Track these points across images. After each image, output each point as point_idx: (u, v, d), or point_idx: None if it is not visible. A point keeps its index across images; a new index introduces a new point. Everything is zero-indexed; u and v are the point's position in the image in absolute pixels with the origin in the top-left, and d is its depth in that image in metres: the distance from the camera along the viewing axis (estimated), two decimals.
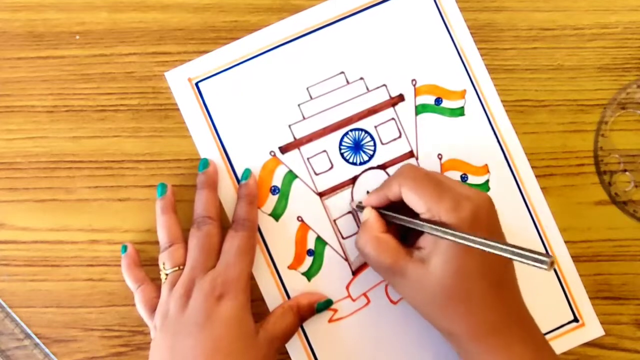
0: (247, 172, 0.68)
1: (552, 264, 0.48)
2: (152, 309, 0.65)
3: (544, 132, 0.71)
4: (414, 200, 0.61)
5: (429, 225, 0.59)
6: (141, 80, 0.70)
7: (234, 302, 0.62)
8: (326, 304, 0.68)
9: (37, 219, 0.70)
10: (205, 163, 0.68)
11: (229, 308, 0.62)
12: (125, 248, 0.68)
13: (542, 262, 0.48)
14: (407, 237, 0.65)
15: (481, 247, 0.54)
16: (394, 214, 0.63)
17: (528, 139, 0.71)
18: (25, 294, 0.70)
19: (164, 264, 0.65)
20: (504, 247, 0.52)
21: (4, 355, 0.69)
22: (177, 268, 0.64)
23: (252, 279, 0.68)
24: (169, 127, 0.70)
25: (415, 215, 0.61)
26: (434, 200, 0.60)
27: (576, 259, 0.70)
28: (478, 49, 0.71)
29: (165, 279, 0.64)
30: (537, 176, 0.70)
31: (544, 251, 0.50)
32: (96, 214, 0.70)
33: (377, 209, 0.65)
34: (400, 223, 0.63)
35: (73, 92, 0.70)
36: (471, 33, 0.71)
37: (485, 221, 0.61)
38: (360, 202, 0.68)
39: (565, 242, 0.70)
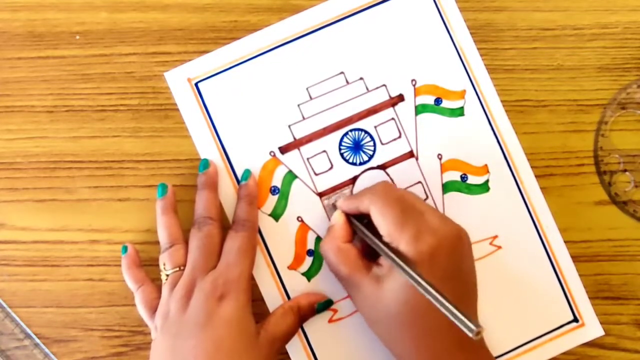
0: (247, 173, 0.68)
1: (478, 333, 0.50)
2: (153, 310, 0.65)
3: (544, 132, 0.71)
4: (378, 221, 0.61)
5: (385, 249, 0.59)
6: (141, 80, 0.70)
7: (235, 303, 0.62)
8: (326, 304, 0.68)
9: (37, 219, 0.70)
10: (206, 163, 0.68)
11: (230, 308, 0.62)
12: (125, 249, 0.68)
13: (469, 329, 0.50)
14: (370, 250, 0.64)
15: (422, 292, 0.54)
16: (360, 226, 0.64)
17: (528, 139, 0.71)
18: (25, 294, 0.70)
19: (164, 264, 0.65)
20: (443, 301, 0.53)
21: (4, 355, 0.69)
22: (177, 268, 0.64)
23: (252, 279, 0.67)
24: (169, 127, 0.70)
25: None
26: (396, 226, 0.60)
27: (576, 259, 0.70)
28: (478, 49, 0.71)
29: (166, 279, 0.64)
30: (537, 176, 0.70)
31: (472, 322, 0.51)
32: (96, 214, 0.70)
33: (348, 215, 0.66)
34: (362, 237, 0.63)
35: (73, 92, 0.70)
36: (471, 33, 0.71)
37: (445, 259, 0.60)
38: (335, 201, 0.68)
39: (565, 242, 0.70)
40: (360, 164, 0.70)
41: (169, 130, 0.70)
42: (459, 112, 0.70)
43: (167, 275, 0.65)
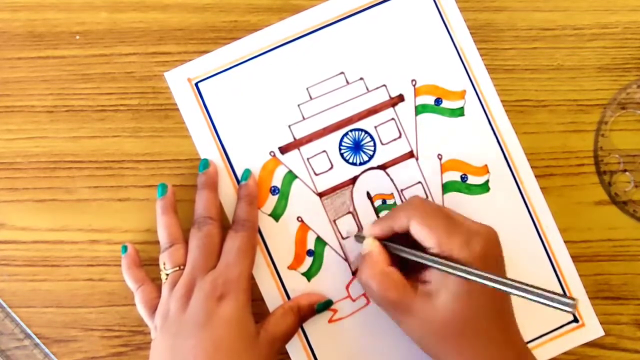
0: (247, 173, 0.68)
1: (574, 306, 0.48)
2: (153, 309, 0.65)
3: (544, 132, 0.71)
4: (423, 234, 0.60)
5: (440, 260, 0.58)
6: (141, 80, 0.70)
7: (235, 303, 0.62)
8: (326, 305, 0.68)
9: (37, 219, 0.70)
10: (206, 163, 0.68)
11: (229, 308, 0.62)
12: (125, 248, 0.68)
13: (566, 304, 0.49)
14: (407, 270, 0.63)
15: (500, 288, 0.54)
16: (401, 247, 0.62)
17: (528, 139, 0.71)
18: (25, 294, 0.70)
19: (164, 264, 0.65)
20: (527, 288, 0.52)
21: (4, 355, 0.69)
22: (177, 268, 0.64)
23: (252, 279, 0.67)
24: (169, 127, 0.70)
25: (418, 248, 0.61)
26: (445, 235, 0.59)
27: (576, 259, 0.70)
28: (478, 49, 0.71)
29: (166, 279, 0.64)
30: (537, 176, 0.70)
31: (561, 291, 0.50)
32: (96, 214, 0.70)
33: (380, 240, 0.64)
34: (406, 256, 0.62)
35: (73, 92, 0.70)
36: (471, 33, 0.71)
37: (495, 257, 0.61)
38: (360, 233, 0.68)
39: (565, 242, 0.70)
40: (361, 164, 0.70)
41: (169, 130, 0.70)
42: (459, 112, 0.70)
43: (167, 275, 0.65)
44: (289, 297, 0.68)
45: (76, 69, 0.70)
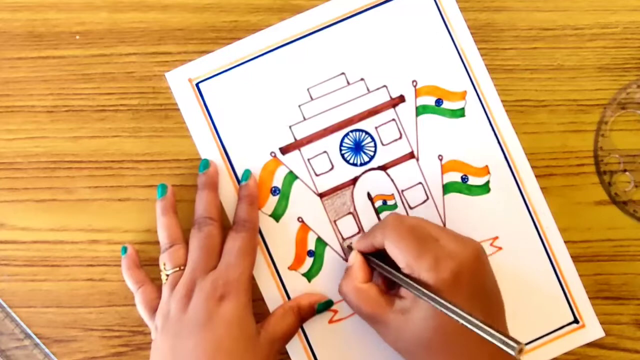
0: (247, 173, 0.68)
1: (520, 351, 0.48)
2: (153, 310, 0.65)
3: (544, 132, 0.71)
4: (395, 254, 0.61)
5: (407, 281, 0.59)
6: (141, 80, 0.70)
7: (235, 303, 0.62)
8: (326, 305, 0.68)
9: (37, 219, 0.70)
10: (206, 164, 0.68)
11: (230, 309, 0.62)
12: (125, 249, 0.68)
13: (510, 347, 0.49)
14: (390, 283, 0.65)
15: (453, 317, 0.54)
16: (378, 262, 0.64)
17: (528, 139, 0.71)
18: (25, 294, 0.70)
19: (164, 264, 0.65)
20: (477, 323, 0.52)
21: (4, 355, 0.69)
22: (177, 269, 0.64)
23: (252, 279, 0.67)
24: (169, 127, 0.70)
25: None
26: (414, 256, 0.59)
27: (576, 259, 0.70)
28: (478, 49, 0.71)
29: (166, 279, 0.64)
30: (537, 176, 0.70)
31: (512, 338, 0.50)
32: (96, 214, 0.70)
33: (364, 254, 0.65)
34: (381, 272, 0.63)
35: (73, 92, 0.70)
36: (471, 33, 0.71)
37: (467, 280, 0.60)
38: (351, 243, 0.68)
39: (565, 242, 0.70)
40: (361, 164, 0.70)
41: (169, 130, 0.70)
42: (460, 113, 0.70)
43: (167, 276, 0.65)
44: (289, 298, 0.68)
45: (76, 69, 0.70)
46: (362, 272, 0.64)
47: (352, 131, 0.70)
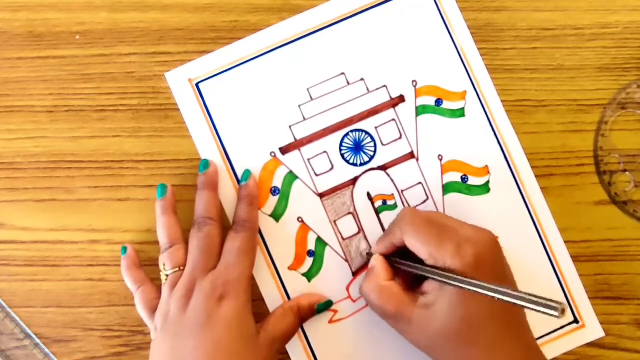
0: (247, 173, 0.68)
1: (563, 311, 0.48)
2: (153, 310, 0.65)
3: (544, 132, 0.71)
4: (416, 247, 0.61)
5: (433, 271, 0.59)
6: (141, 80, 0.70)
7: (235, 303, 0.62)
8: (326, 305, 0.68)
9: (37, 219, 0.70)
10: (206, 164, 0.68)
11: (230, 309, 0.62)
12: (125, 249, 0.68)
13: (553, 308, 0.48)
14: (412, 282, 0.64)
15: (488, 294, 0.53)
16: (400, 260, 0.63)
17: (528, 139, 0.71)
18: (25, 294, 0.70)
19: (164, 264, 0.65)
20: (513, 293, 0.52)
21: (4, 355, 0.69)
22: (177, 269, 0.64)
23: (252, 279, 0.67)
24: (169, 127, 0.70)
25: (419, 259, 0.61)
26: (435, 246, 0.60)
27: (576, 259, 0.70)
28: (478, 49, 0.71)
29: (166, 279, 0.64)
30: (537, 176, 0.70)
31: (557, 298, 0.49)
32: (96, 214, 0.70)
33: (385, 255, 0.65)
34: (405, 269, 0.63)
35: (73, 92, 0.70)
36: (471, 33, 0.71)
37: (489, 263, 0.60)
38: (370, 251, 0.68)
39: (565, 242, 0.70)
40: (361, 164, 0.70)
41: (169, 130, 0.70)
42: (460, 113, 0.70)
43: (167, 276, 0.65)
44: (289, 298, 0.69)
45: (76, 69, 0.70)
46: (385, 272, 0.64)
47: (352, 131, 0.70)
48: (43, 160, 0.70)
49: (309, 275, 0.69)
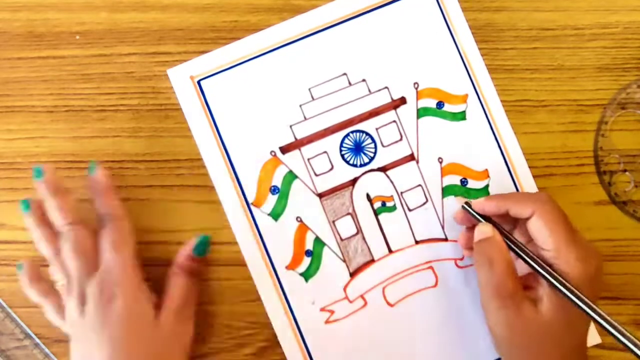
0: (92, 166, 0.67)
1: None
2: (64, 317, 0.65)
3: (544, 132, 0.71)
4: (543, 234, 0.59)
5: (554, 275, 0.58)
6: (141, 80, 0.70)
7: (124, 301, 0.61)
8: (202, 245, 0.68)
9: None
10: (39, 171, 0.65)
11: (120, 307, 0.61)
12: (20, 266, 0.67)
13: None
14: None
15: (599, 320, 0.54)
16: (522, 245, 0.61)
17: (528, 139, 0.71)
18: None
19: (55, 277, 0.65)
20: (625, 333, 0.53)
21: (4, 355, 0.69)
22: (67, 278, 0.64)
23: (138, 259, 0.65)
24: (169, 127, 0.70)
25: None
26: (565, 242, 0.58)
27: None
28: (478, 49, 0.71)
29: (63, 288, 0.64)
30: (537, 176, 0.71)
31: None
32: (96, 214, 0.70)
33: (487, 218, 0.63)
34: (522, 256, 0.60)
35: (73, 92, 0.70)
36: (471, 33, 0.71)
37: (600, 282, 0.60)
38: (469, 201, 0.65)
39: None
40: (361, 165, 0.70)
41: (169, 130, 0.70)
42: (461, 116, 0.70)
43: (62, 285, 0.64)
44: (286, 297, 0.68)
45: (76, 69, 0.70)
46: (504, 244, 0.62)
47: (352, 132, 0.70)
48: (43, 160, 0.70)
49: (307, 275, 0.69)
